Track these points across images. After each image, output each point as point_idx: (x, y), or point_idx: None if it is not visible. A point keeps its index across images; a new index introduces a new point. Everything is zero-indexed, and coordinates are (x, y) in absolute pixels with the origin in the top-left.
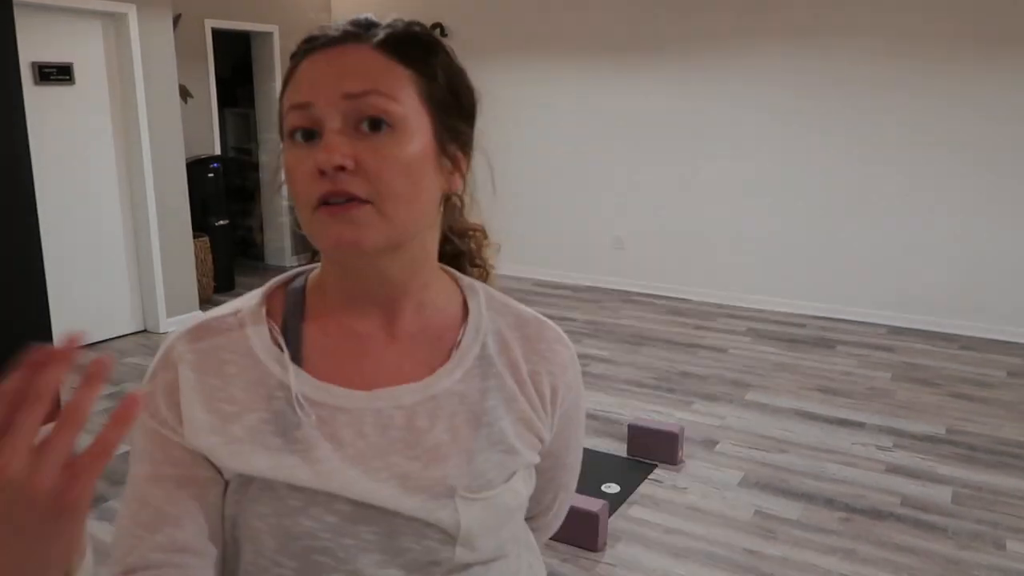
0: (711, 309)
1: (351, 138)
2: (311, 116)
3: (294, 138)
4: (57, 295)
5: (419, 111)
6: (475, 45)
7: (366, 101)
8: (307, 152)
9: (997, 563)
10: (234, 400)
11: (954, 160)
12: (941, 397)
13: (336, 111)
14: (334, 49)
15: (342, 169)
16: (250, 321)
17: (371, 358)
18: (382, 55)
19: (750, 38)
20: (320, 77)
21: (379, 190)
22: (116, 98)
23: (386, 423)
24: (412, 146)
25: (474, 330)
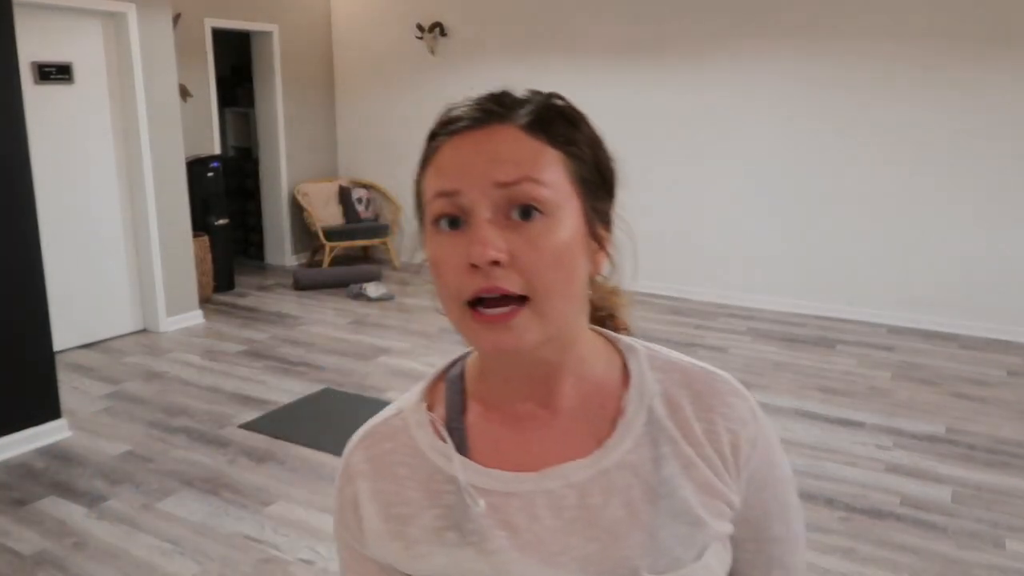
0: (711, 308)
1: (502, 228)
2: (458, 204)
3: (438, 225)
4: (57, 294)
5: (569, 194)
6: (475, 44)
7: (518, 189)
8: (455, 241)
9: (997, 562)
10: (408, 502)
11: (955, 160)
12: (941, 396)
13: (486, 200)
14: (479, 131)
15: (496, 264)
16: (413, 419)
17: (535, 438)
18: (530, 137)
19: (752, 38)
20: (468, 163)
21: (534, 285)
22: (116, 97)
23: (559, 504)
24: (564, 233)
25: (638, 395)
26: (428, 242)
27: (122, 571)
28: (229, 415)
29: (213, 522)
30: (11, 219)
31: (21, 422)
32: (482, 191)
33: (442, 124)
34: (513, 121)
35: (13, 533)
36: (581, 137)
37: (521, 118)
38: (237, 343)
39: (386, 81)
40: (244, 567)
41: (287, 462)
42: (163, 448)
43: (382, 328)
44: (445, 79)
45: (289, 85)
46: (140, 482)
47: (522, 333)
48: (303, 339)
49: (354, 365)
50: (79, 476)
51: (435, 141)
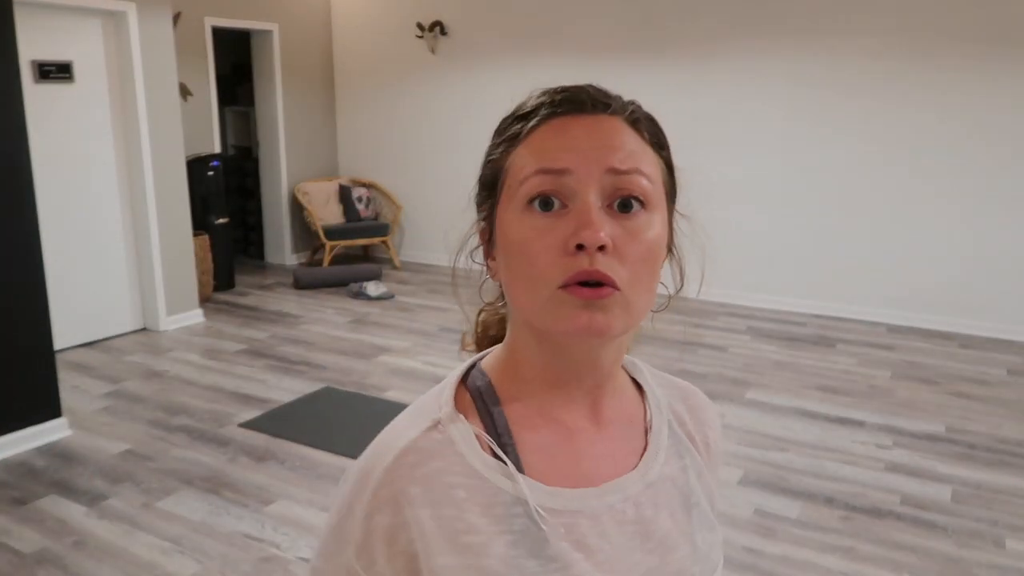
0: (711, 307)
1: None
2: (563, 185)
3: (531, 205)
4: (57, 293)
5: (662, 195)
6: (474, 43)
7: (628, 179)
8: (551, 223)
9: (996, 561)
10: (476, 529)
11: (954, 159)
12: (941, 395)
13: (595, 184)
14: (588, 117)
15: (601, 249)
16: (457, 433)
17: (586, 452)
18: (636, 134)
19: (751, 38)
20: (580, 145)
21: (629, 277)
22: (116, 96)
23: (621, 519)
24: (657, 230)
25: (657, 409)
26: (513, 222)
27: (122, 570)
28: (229, 414)
29: (213, 521)
30: (11, 218)
31: (21, 421)
32: (592, 174)
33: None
34: (618, 113)
35: (13, 532)
36: (666, 141)
37: (625, 112)
38: (237, 342)
39: (386, 80)
40: (244, 566)
41: (287, 461)
42: (163, 447)
43: (382, 327)
44: (445, 78)
45: (289, 84)
46: (140, 481)
47: (613, 318)
48: (303, 338)
49: (354, 364)
50: (79, 475)
51: (529, 120)
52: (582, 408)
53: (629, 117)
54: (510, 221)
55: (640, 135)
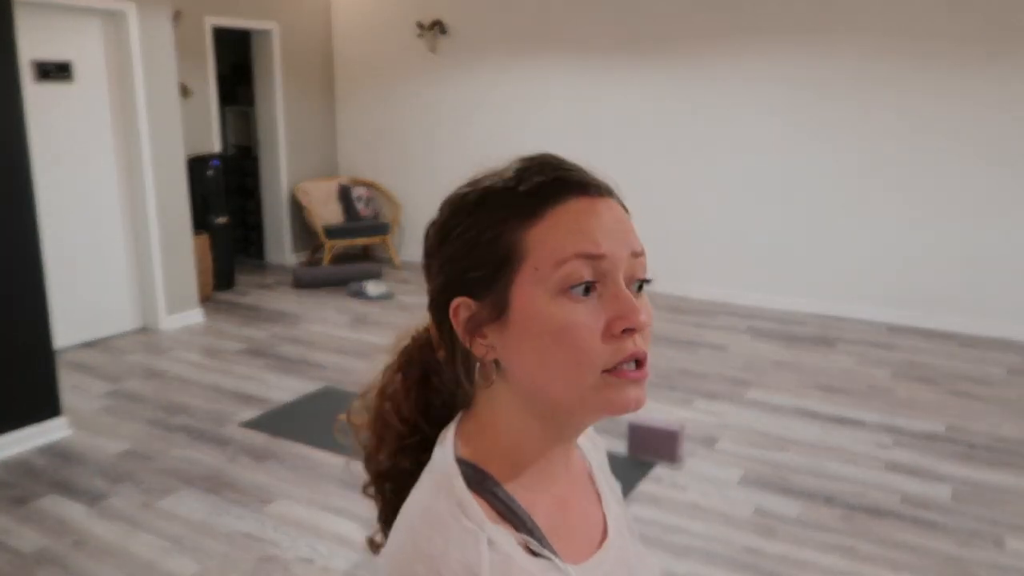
0: (711, 307)
1: None
2: (600, 269)
3: (571, 291)
4: (57, 293)
5: None
6: (474, 43)
7: (642, 261)
8: (590, 307)
9: (996, 560)
10: None
11: (954, 158)
12: (941, 395)
13: (623, 268)
14: (604, 200)
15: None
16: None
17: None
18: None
19: (751, 36)
20: (611, 229)
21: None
22: (116, 96)
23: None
24: None
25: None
26: (550, 306)
27: (122, 569)
28: (229, 413)
29: (213, 520)
30: (11, 217)
31: (21, 420)
32: (622, 259)
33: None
34: (614, 195)
35: (13, 531)
36: None
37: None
38: (237, 341)
39: (386, 79)
40: (244, 565)
41: (287, 460)
42: (163, 446)
43: (382, 326)
44: (445, 77)
45: (289, 83)
46: (140, 480)
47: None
48: (303, 337)
49: (354, 363)
50: (79, 474)
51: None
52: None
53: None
54: (543, 304)
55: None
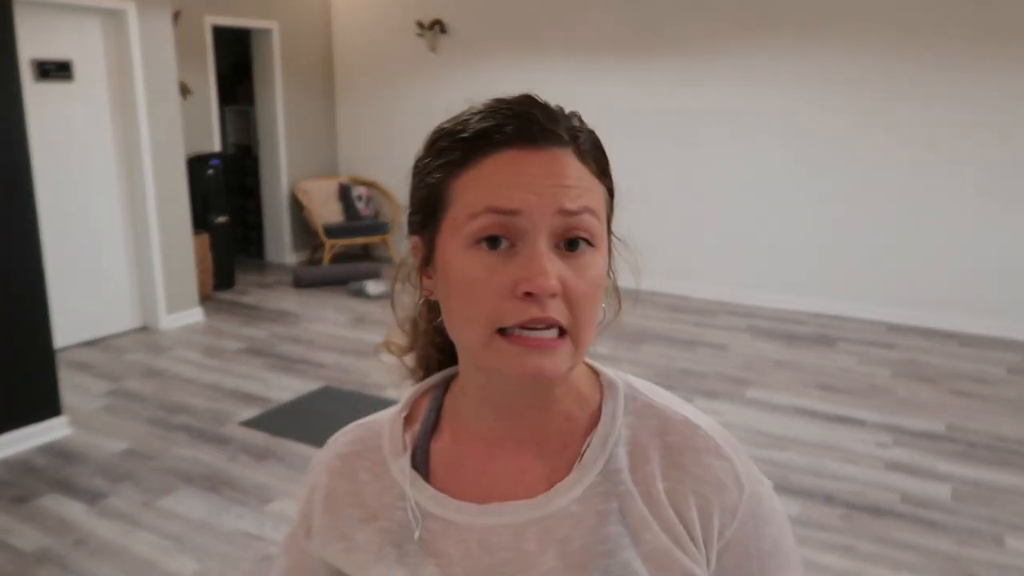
0: (711, 306)
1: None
2: (512, 225)
3: (478, 243)
4: (57, 292)
5: (604, 228)
6: (475, 42)
7: (578, 219)
8: (497, 263)
9: (996, 559)
10: (364, 506)
11: (954, 157)
12: (941, 394)
13: (545, 226)
14: (542, 152)
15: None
16: (387, 427)
17: (491, 468)
18: (585, 167)
19: (753, 35)
20: (534, 184)
21: (576, 318)
22: (116, 95)
23: (492, 541)
24: (601, 266)
25: (601, 441)
26: (458, 256)
27: (123, 568)
28: (229, 412)
29: (213, 519)
30: (11, 217)
31: (22, 419)
32: (543, 216)
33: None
34: (568, 145)
35: (14, 530)
36: (608, 167)
37: (575, 143)
38: (237, 341)
39: (386, 78)
40: (244, 564)
41: (287, 460)
42: (163, 446)
43: (382, 326)
44: (445, 76)
45: (289, 82)
46: (140, 480)
47: (561, 361)
48: (303, 337)
49: (354, 363)
50: (80, 473)
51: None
52: (506, 425)
53: (577, 148)
54: (454, 255)
55: (588, 166)
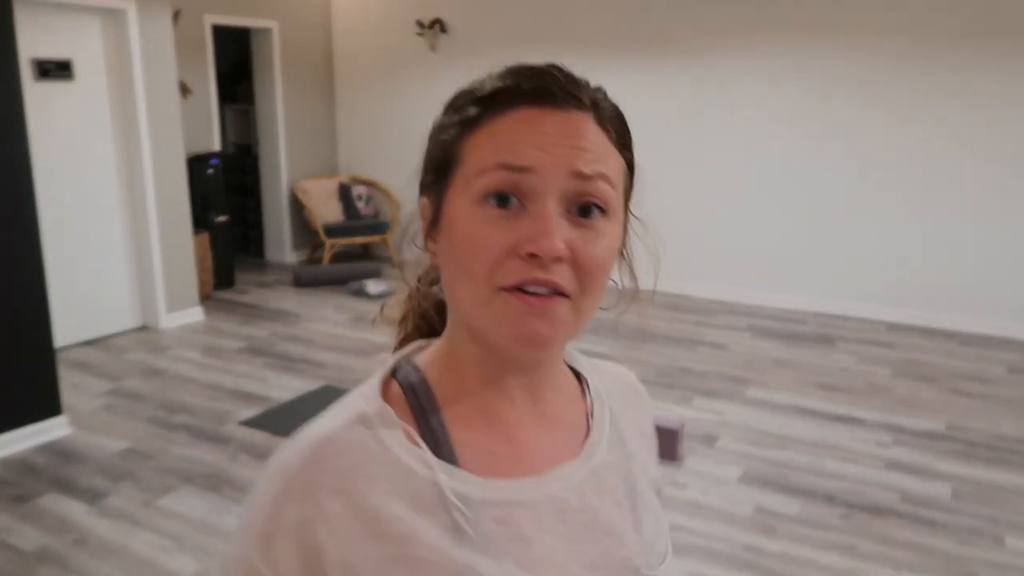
0: (711, 305)
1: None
2: (523, 183)
3: (486, 199)
4: (57, 291)
5: (621, 201)
6: (475, 41)
7: (593, 184)
8: (503, 222)
9: (996, 559)
10: (400, 519)
11: (955, 156)
12: (941, 393)
13: (557, 187)
14: (560, 113)
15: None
16: (379, 423)
17: (526, 444)
18: (605, 135)
19: (753, 35)
20: (549, 143)
21: (583, 285)
22: (116, 94)
23: (563, 508)
24: (614, 237)
25: (598, 397)
26: (465, 213)
27: (123, 568)
28: (229, 412)
29: (214, 519)
30: (11, 216)
31: (22, 419)
32: (556, 177)
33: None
34: (588, 109)
35: (14, 530)
36: (630, 141)
37: (596, 109)
38: (237, 340)
39: (386, 78)
40: None
41: None
42: (163, 445)
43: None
44: (445, 76)
45: (289, 82)
46: (141, 479)
47: (558, 326)
48: (303, 336)
49: (354, 362)
50: (80, 473)
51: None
52: (523, 404)
53: (598, 115)
54: (461, 211)
55: (607, 134)
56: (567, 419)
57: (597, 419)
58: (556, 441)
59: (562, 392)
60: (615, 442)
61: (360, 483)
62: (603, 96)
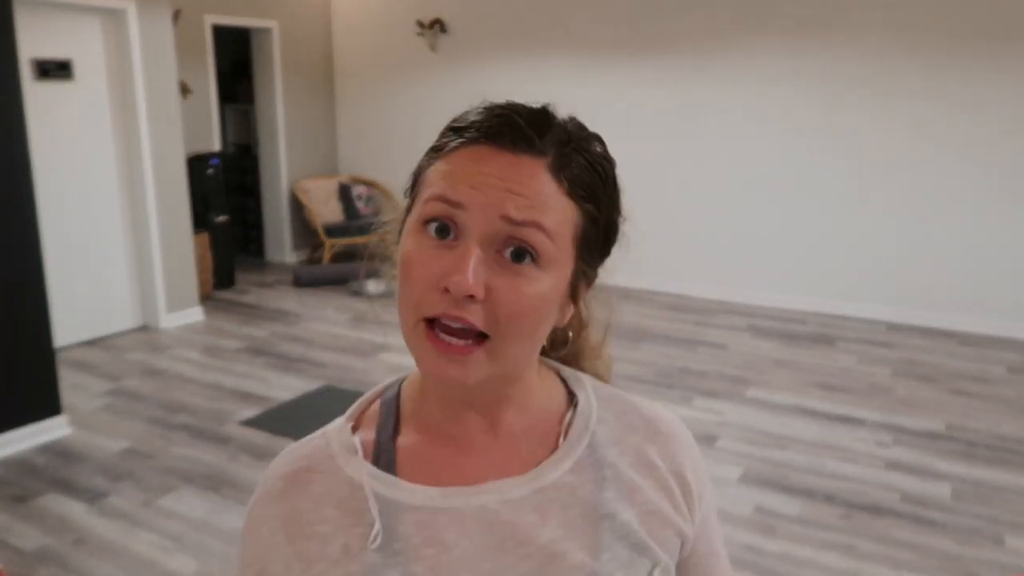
0: (711, 305)
1: (490, 262)
2: (457, 218)
3: (426, 226)
4: (57, 291)
5: (568, 253)
6: (475, 41)
7: (523, 231)
8: (437, 252)
9: (996, 558)
10: (326, 520)
11: (954, 156)
12: (941, 393)
13: (486, 227)
14: (509, 156)
15: (471, 298)
16: (336, 439)
17: (474, 458)
18: (554, 180)
19: (753, 34)
20: (485, 183)
21: (500, 327)
22: (116, 94)
23: (492, 519)
24: (547, 286)
25: (583, 420)
26: (409, 235)
27: (123, 567)
28: (229, 412)
29: (214, 519)
30: (11, 216)
31: (22, 419)
32: (486, 216)
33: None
34: (544, 156)
35: (14, 529)
36: (604, 196)
37: (553, 156)
38: (237, 340)
39: (386, 78)
40: None
41: None
42: (163, 445)
43: (382, 325)
44: (445, 75)
45: (289, 82)
46: (140, 479)
47: (471, 370)
48: (303, 336)
49: (354, 362)
50: (80, 473)
51: (458, 136)
52: (477, 424)
53: (556, 164)
54: (407, 232)
55: (559, 184)
56: (531, 440)
57: (570, 440)
58: (509, 458)
59: (530, 415)
60: (586, 465)
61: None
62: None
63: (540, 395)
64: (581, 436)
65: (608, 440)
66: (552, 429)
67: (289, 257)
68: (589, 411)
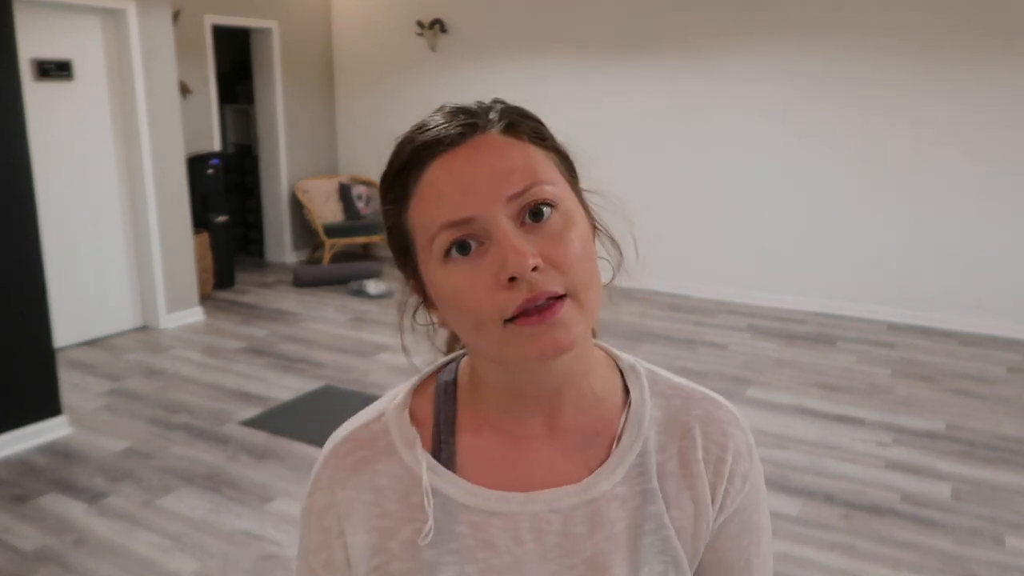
0: (711, 305)
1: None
2: (472, 227)
3: (448, 256)
4: (57, 291)
5: (565, 185)
6: (475, 41)
7: (529, 195)
8: (474, 265)
9: (996, 559)
10: (389, 514)
11: (954, 156)
12: (941, 393)
13: (501, 215)
14: (463, 147)
15: (534, 270)
16: (394, 423)
17: (527, 459)
18: (511, 139)
19: (753, 34)
20: (470, 184)
21: (572, 280)
22: (116, 94)
23: (542, 528)
24: (579, 222)
25: (636, 423)
26: (440, 276)
27: (123, 567)
28: (229, 412)
29: (213, 519)
30: (11, 216)
31: (22, 419)
32: (495, 208)
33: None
34: (493, 127)
35: (14, 530)
36: (545, 130)
37: (495, 124)
38: (237, 340)
39: (386, 78)
40: (244, 563)
41: (287, 459)
42: (163, 445)
43: (382, 325)
44: (445, 75)
45: (289, 82)
46: (140, 479)
47: (571, 326)
48: (303, 336)
49: (354, 362)
50: (80, 473)
51: (412, 171)
52: (536, 417)
53: (502, 127)
54: (437, 276)
55: (517, 138)
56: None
57: (622, 447)
58: (562, 459)
59: (586, 411)
60: (636, 475)
61: (366, 478)
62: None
63: (597, 384)
64: (633, 443)
65: (658, 445)
66: (606, 428)
67: (289, 257)
68: (643, 413)
